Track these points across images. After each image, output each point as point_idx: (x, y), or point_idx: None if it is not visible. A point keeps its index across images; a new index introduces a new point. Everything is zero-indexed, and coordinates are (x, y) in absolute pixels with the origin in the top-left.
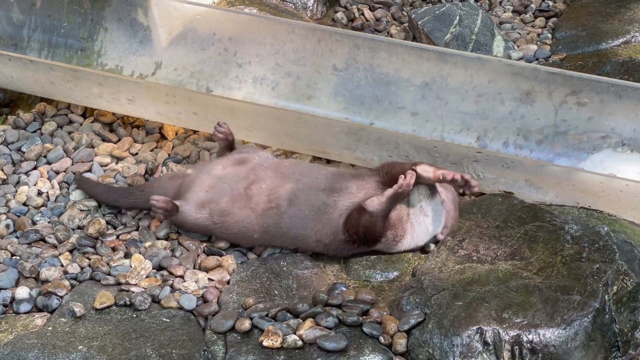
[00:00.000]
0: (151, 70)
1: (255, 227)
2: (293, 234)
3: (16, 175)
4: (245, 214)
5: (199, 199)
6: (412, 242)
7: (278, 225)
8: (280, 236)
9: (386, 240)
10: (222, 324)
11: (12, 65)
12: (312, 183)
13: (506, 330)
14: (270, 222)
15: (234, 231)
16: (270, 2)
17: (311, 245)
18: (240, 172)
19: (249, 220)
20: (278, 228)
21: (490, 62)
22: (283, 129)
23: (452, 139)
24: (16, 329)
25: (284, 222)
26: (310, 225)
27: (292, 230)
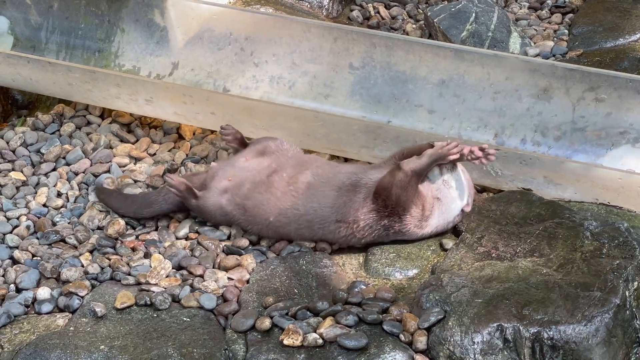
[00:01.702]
0: (168, 71)
1: (271, 210)
2: (310, 216)
3: (36, 176)
4: (265, 198)
5: (221, 186)
6: (442, 218)
7: (295, 206)
8: (296, 219)
9: (414, 218)
10: (243, 323)
11: (30, 67)
12: (331, 170)
13: (527, 327)
14: (287, 204)
15: (251, 214)
16: (286, 2)
17: (330, 228)
18: (262, 162)
19: (267, 202)
20: (295, 209)
21: (507, 59)
22: (300, 128)
23: (470, 136)
24: (38, 329)
25: (301, 202)
26: (330, 203)
27: (310, 211)
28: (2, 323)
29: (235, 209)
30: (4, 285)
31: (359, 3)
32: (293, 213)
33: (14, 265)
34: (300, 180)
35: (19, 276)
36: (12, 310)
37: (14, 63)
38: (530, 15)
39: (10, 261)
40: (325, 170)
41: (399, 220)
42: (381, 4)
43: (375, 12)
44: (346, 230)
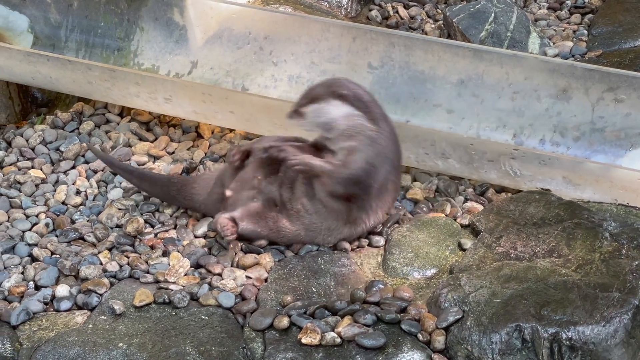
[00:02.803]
0: (187, 70)
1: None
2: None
3: (55, 174)
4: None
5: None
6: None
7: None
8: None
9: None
10: (261, 322)
11: (50, 66)
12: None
13: (545, 328)
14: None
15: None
16: (304, 1)
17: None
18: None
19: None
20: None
21: (527, 59)
22: None
23: (488, 136)
24: (57, 326)
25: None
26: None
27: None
28: (21, 320)
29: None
30: (23, 283)
31: (378, 3)
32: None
33: (33, 263)
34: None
35: (38, 273)
36: (31, 307)
37: (34, 61)
38: (550, 16)
39: (30, 258)
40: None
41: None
42: (400, 3)
43: (394, 12)
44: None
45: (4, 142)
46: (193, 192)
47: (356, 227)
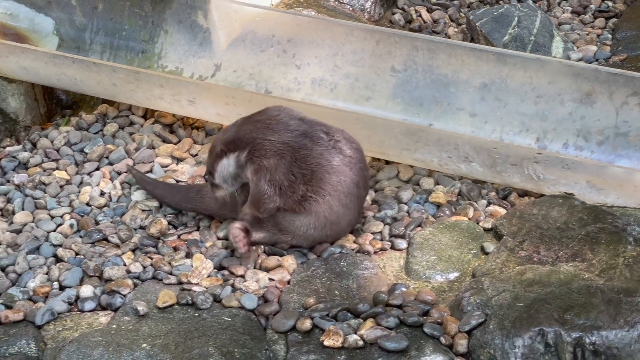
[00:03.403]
0: (211, 72)
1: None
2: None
3: (79, 175)
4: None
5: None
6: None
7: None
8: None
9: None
10: (283, 324)
11: (75, 68)
12: None
13: (568, 332)
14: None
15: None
16: (327, 4)
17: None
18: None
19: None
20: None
21: (550, 63)
22: None
23: (511, 140)
24: (81, 326)
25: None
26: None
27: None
28: (46, 320)
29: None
30: (48, 283)
31: (401, 6)
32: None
33: (57, 263)
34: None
35: (63, 274)
36: (55, 307)
37: (59, 63)
38: (573, 20)
39: (54, 259)
40: None
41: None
42: (423, 7)
43: (417, 16)
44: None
45: (29, 143)
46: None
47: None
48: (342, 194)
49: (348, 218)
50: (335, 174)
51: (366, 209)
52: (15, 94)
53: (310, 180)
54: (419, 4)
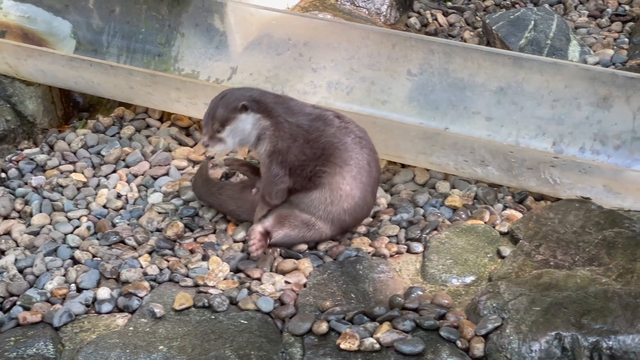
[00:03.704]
0: (227, 75)
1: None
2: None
3: (96, 178)
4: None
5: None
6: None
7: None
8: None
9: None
10: (300, 326)
11: (93, 71)
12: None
13: (585, 336)
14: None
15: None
16: (343, 8)
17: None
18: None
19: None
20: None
21: (567, 67)
22: None
23: (528, 144)
24: (98, 328)
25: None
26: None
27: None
28: (64, 322)
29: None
30: (65, 285)
31: (417, 10)
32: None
33: (74, 265)
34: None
35: (80, 276)
36: (73, 309)
37: (77, 66)
38: (590, 24)
39: (71, 261)
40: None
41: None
42: (439, 11)
43: (433, 19)
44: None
45: (46, 145)
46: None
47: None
48: (354, 168)
49: (363, 194)
50: (345, 150)
51: (382, 212)
52: (33, 96)
53: (320, 157)
54: (435, 7)
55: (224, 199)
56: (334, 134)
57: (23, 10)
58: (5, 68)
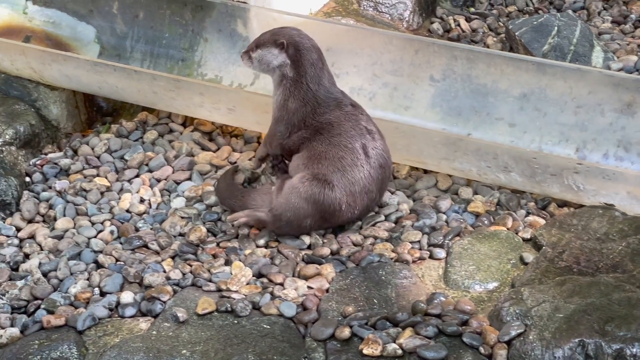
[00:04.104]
0: (250, 80)
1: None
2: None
3: (119, 182)
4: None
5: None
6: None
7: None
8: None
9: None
10: (322, 332)
11: (117, 75)
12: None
13: (609, 344)
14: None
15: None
16: (366, 13)
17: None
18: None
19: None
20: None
21: (590, 73)
22: None
23: (550, 150)
24: (122, 332)
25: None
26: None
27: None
28: (87, 325)
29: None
30: (89, 289)
31: (440, 15)
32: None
33: (98, 269)
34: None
35: (103, 280)
36: (96, 313)
37: (101, 71)
38: (614, 30)
39: (95, 265)
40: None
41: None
42: (462, 16)
43: (456, 25)
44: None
45: (70, 150)
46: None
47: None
48: (340, 144)
49: (353, 173)
50: (338, 126)
51: (404, 218)
52: (57, 101)
53: (315, 132)
54: (458, 13)
55: (246, 204)
56: (338, 116)
57: (48, 15)
58: (30, 73)
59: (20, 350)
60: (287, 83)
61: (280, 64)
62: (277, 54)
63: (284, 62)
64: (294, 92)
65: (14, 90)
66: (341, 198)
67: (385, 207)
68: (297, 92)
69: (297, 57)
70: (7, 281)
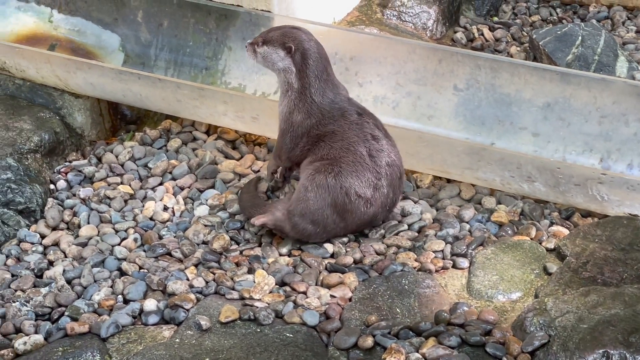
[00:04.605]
0: (273, 89)
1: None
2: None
3: (143, 190)
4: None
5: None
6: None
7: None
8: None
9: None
10: (345, 341)
11: (141, 83)
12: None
13: (633, 355)
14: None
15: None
16: (390, 22)
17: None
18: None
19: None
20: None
21: (615, 83)
22: (404, 148)
23: (574, 160)
24: (145, 340)
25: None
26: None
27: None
28: (111, 333)
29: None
30: (112, 296)
31: (463, 25)
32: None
33: (121, 277)
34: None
35: (127, 287)
36: (120, 320)
37: (125, 79)
38: (638, 39)
39: (118, 272)
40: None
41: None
42: (485, 26)
43: (479, 34)
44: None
45: (94, 157)
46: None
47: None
48: (342, 147)
49: (357, 168)
50: (340, 135)
51: (428, 227)
52: (82, 109)
53: (317, 141)
54: (481, 22)
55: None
56: (342, 125)
57: (73, 23)
58: (55, 81)
59: (43, 357)
60: (292, 94)
61: (285, 67)
62: (283, 56)
63: (289, 68)
64: (298, 104)
65: (39, 98)
66: (349, 186)
67: (408, 216)
68: (302, 104)
69: (303, 67)
70: (31, 288)
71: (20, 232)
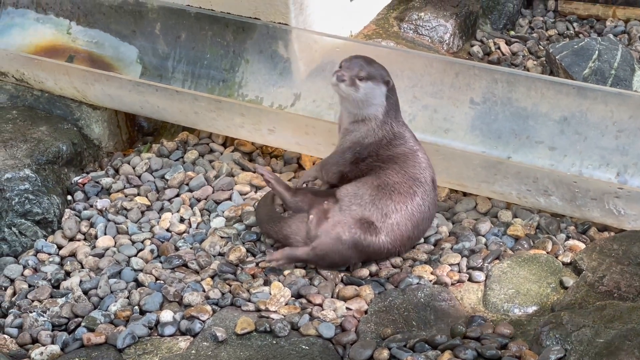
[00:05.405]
0: (290, 102)
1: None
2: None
3: (160, 202)
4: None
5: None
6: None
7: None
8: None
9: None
10: (361, 353)
11: (158, 96)
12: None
13: None
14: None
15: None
16: (406, 36)
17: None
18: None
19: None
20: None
21: (632, 98)
22: None
23: (591, 174)
24: (161, 351)
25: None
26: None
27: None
28: (127, 343)
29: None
30: (129, 307)
31: (480, 38)
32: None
33: (138, 288)
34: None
35: (143, 298)
36: (136, 331)
37: (143, 91)
38: None
39: (135, 283)
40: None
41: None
42: (502, 39)
43: (496, 48)
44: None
45: (111, 169)
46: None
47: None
48: (414, 176)
49: (413, 210)
50: (413, 156)
51: (444, 241)
52: (99, 120)
53: (382, 157)
54: (498, 36)
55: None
56: (412, 147)
57: (91, 35)
58: (73, 92)
59: None
60: (374, 124)
61: (379, 103)
62: (383, 93)
63: (382, 103)
64: (377, 132)
65: (57, 110)
66: (383, 245)
67: None
68: (380, 131)
69: (390, 99)
70: (48, 298)
71: (38, 243)
